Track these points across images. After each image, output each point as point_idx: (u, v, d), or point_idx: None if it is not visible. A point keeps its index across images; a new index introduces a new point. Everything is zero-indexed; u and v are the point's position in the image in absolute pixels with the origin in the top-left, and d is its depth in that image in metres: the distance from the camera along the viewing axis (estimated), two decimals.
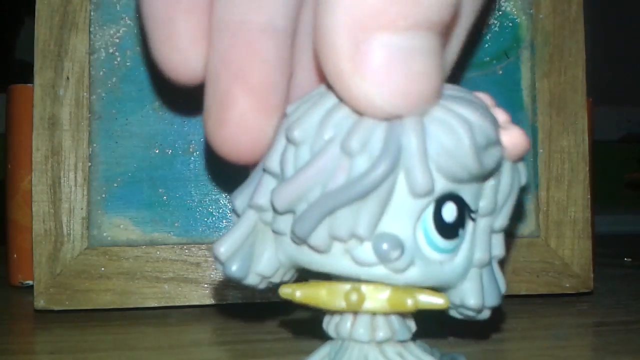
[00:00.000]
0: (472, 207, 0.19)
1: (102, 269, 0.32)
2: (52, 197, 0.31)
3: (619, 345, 0.27)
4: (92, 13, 0.32)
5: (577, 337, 0.29)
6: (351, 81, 0.17)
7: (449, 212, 0.18)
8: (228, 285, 0.32)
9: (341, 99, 0.18)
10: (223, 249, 0.19)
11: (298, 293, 0.19)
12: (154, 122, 0.33)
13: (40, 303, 0.31)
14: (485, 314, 0.20)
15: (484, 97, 0.20)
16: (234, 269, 0.19)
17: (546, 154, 0.35)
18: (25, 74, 0.35)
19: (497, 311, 0.21)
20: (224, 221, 0.33)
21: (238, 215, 0.20)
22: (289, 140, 0.18)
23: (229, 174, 0.33)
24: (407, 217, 0.18)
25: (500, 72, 0.35)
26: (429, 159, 0.17)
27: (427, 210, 0.18)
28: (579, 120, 0.35)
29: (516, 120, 0.35)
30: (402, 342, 0.20)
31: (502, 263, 0.21)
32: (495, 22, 0.35)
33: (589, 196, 0.35)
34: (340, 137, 0.17)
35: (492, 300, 0.20)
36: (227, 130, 0.20)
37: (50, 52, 0.32)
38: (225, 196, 0.33)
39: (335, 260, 0.18)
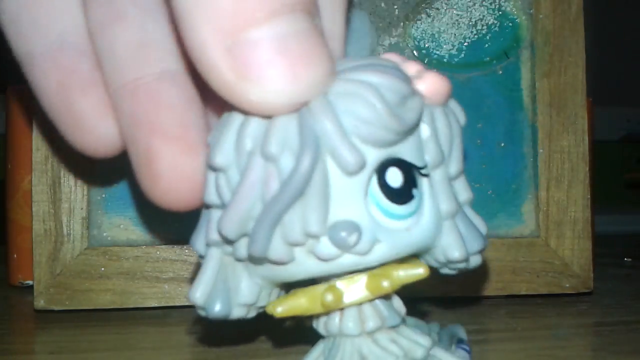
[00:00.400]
0: (419, 164, 0.18)
1: (102, 269, 0.32)
2: (52, 197, 0.31)
3: (619, 345, 0.27)
4: None
5: (577, 337, 0.29)
6: (239, 89, 0.16)
7: (394, 177, 0.18)
8: None
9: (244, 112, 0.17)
10: (198, 294, 0.19)
11: (279, 309, 0.19)
12: None
13: (40, 303, 0.31)
14: (475, 260, 0.20)
15: (390, 56, 0.19)
16: (217, 309, 0.19)
17: (546, 154, 0.35)
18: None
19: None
20: None
21: (202, 258, 0.20)
22: (214, 169, 0.18)
23: None
24: (353, 198, 0.17)
25: (500, 72, 0.35)
26: (349, 134, 0.17)
27: (372, 184, 0.18)
28: (579, 120, 0.35)
29: (516, 120, 0.35)
30: (393, 327, 0.19)
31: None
32: (495, 22, 0.35)
33: (589, 196, 0.35)
34: (259, 147, 0.17)
35: (476, 246, 0.19)
36: (162, 183, 0.20)
37: None
38: None
39: (302, 265, 0.18)
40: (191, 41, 0.16)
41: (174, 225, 0.33)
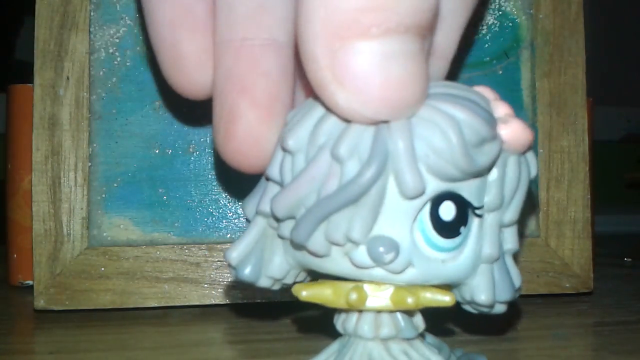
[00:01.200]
0: (476, 203, 0.19)
1: (102, 269, 0.32)
2: (52, 197, 0.31)
3: (619, 345, 0.27)
4: (92, 13, 0.32)
5: (577, 337, 0.29)
6: (331, 89, 0.17)
7: (447, 211, 0.18)
8: (228, 285, 0.32)
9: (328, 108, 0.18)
10: (235, 254, 0.20)
11: (304, 293, 0.19)
12: (154, 122, 0.33)
13: (40, 303, 0.31)
14: (500, 309, 0.20)
15: (486, 91, 0.20)
16: (247, 272, 0.20)
17: (546, 154, 0.35)
18: (25, 74, 0.35)
19: (509, 308, 0.21)
20: (224, 221, 0.33)
21: (249, 222, 0.20)
22: (285, 149, 0.19)
23: (228, 174, 0.33)
24: (401, 219, 0.18)
25: (500, 72, 0.35)
26: (418, 160, 0.17)
27: (424, 211, 0.18)
28: (579, 120, 0.35)
29: None
30: (408, 339, 0.20)
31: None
32: (495, 22, 0.35)
33: (589, 196, 0.35)
34: (330, 144, 0.18)
35: (505, 295, 0.20)
36: (235, 142, 0.21)
37: (50, 52, 0.32)
38: (225, 196, 0.33)
39: (336, 263, 0.18)
40: (302, 30, 0.17)
41: (174, 225, 0.33)
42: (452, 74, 0.34)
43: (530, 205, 0.34)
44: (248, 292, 0.32)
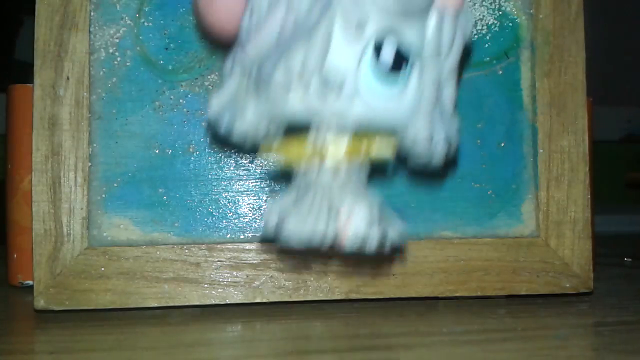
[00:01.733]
0: (416, 47, 0.21)
1: (102, 269, 0.32)
2: (52, 197, 0.31)
3: (619, 345, 0.27)
4: (92, 13, 0.32)
5: (577, 337, 0.29)
6: None
7: (389, 47, 0.20)
8: (228, 285, 0.32)
9: None
10: (215, 101, 0.22)
11: (274, 146, 0.22)
12: (154, 122, 0.33)
13: (40, 303, 0.31)
14: (440, 148, 0.22)
15: None
16: (227, 119, 0.22)
17: (546, 154, 0.35)
18: (25, 74, 0.35)
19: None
20: (224, 221, 0.33)
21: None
22: None
23: (228, 174, 0.33)
24: (350, 52, 0.20)
25: (500, 72, 0.35)
26: None
27: (369, 47, 0.20)
28: (579, 120, 0.35)
29: (516, 120, 0.35)
30: (356, 183, 0.22)
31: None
32: (495, 22, 0.35)
33: (589, 196, 0.35)
34: None
35: (443, 133, 0.22)
36: (216, 5, 0.23)
37: (50, 52, 0.32)
38: (225, 196, 0.33)
39: (297, 101, 0.21)
40: None
41: (174, 225, 0.33)
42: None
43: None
44: (248, 292, 0.32)
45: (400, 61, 0.20)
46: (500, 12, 0.35)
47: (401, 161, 0.23)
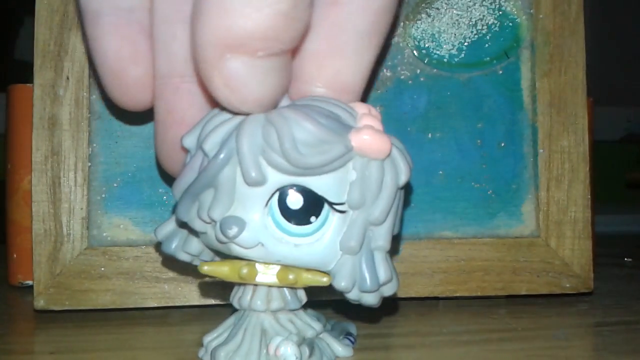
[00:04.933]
0: (333, 199, 0.21)
1: (102, 269, 0.32)
2: (52, 197, 0.31)
3: (619, 345, 0.27)
4: None
5: (577, 337, 0.29)
6: (216, 85, 0.21)
7: (294, 200, 0.21)
8: (228, 285, 0.32)
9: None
10: (162, 232, 0.24)
11: (205, 267, 0.23)
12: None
13: (40, 303, 0.31)
14: (368, 299, 0.23)
15: (357, 106, 0.23)
16: (173, 246, 0.24)
17: (546, 154, 0.35)
18: (25, 74, 0.35)
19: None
20: None
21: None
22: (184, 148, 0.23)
23: None
24: (251, 203, 0.21)
25: (500, 72, 0.35)
26: (259, 154, 0.21)
27: (273, 199, 0.21)
28: (579, 120, 0.35)
29: (516, 120, 0.35)
30: (293, 310, 0.24)
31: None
32: (495, 22, 0.35)
33: (589, 196, 0.35)
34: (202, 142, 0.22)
35: (366, 286, 0.22)
36: (178, 165, 0.24)
37: (50, 52, 0.32)
38: None
39: (211, 239, 0.22)
40: (201, 38, 0.20)
41: None
42: (452, 74, 0.34)
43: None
44: None
45: (308, 214, 0.21)
46: (500, 12, 0.35)
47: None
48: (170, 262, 0.32)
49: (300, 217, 0.21)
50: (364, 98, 0.25)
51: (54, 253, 0.31)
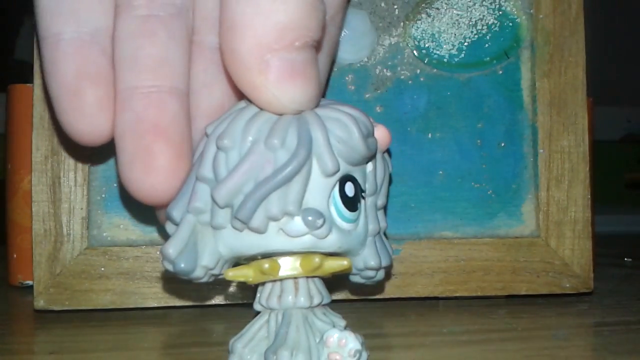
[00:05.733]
0: (363, 187, 0.24)
1: (102, 269, 0.32)
2: (52, 197, 0.31)
3: (619, 345, 0.27)
4: None
5: (577, 337, 0.29)
6: (264, 89, 0.22)
7: (350, 189, 0.23)
8: (228, 285, 0.32)
9: (259, 108, 0.23)
10: (172, 249, 0.23)
11: (230, 273, 0.23)
12: None
13: (40, 303, 0.31)
14: (381, 275, 0.26)
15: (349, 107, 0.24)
16: (183, 265, 0.23)
17: (546, 154, 0.35)
18: (25, 74, 0.35)
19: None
20: None
21: (176, 224, 0.23)
22: (220, 147, 0.22)
23: None
24: (322, 194, 0.22)
25: (500, 72, 0.35)
26: (334, 146, 0.22)
27: (335, 188, 0.23)
28: (579, 120, 0.35)
29: (516, 120, 0.35)
30: (324, 305, 0.24)
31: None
32: (495, 22, 0.35)
33: (589, 196, 0.35)
34: (262, 138, 0.22)
35: (386, 261, 0.25)
36: (153, 178, 0.23)
37: None
38: None
39: (271, 239, 0.22)
40: (237, 45, 0.22)
41: None
42: (452, 74, 0.34)
43: None
44: (248, 292, 0.32)
45: (357, 201, 0.23)
46: (500, 12, 0.35)
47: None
48: None
49: (353, 203, 0.23)
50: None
51: (54, 253, 0.31)
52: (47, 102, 0.32)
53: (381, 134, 0.24)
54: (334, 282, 0.32)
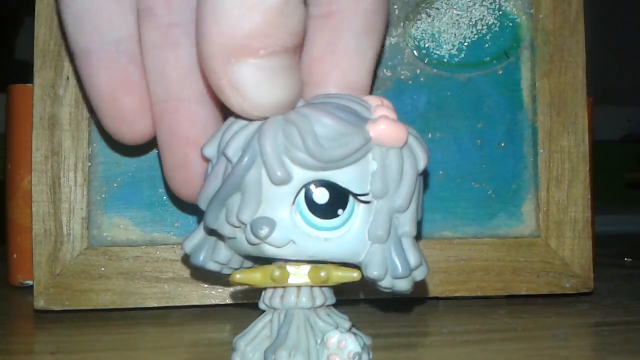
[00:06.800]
0: (357, 190, 0.22)
1: (102, 269, 0.32)
2: (52, 197, 0.31)
3: (619, 345, 0.27)
4: None
5: (577, 337, 0.29)
6: (227, 94, 0.21)
7: (320, 195, 0.22)
8: (228, 285, 0.32)
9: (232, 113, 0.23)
10: (187, 245, 0.24)
11: (237, 276, 0.23)
12: None
13: (40, 303, 0.31)
14: (401, 285, 0.23)
15: (371, 99, 0.23)
16: (201, 258, 0.24)
17: (546, 154, 0.35)
18: (25, 74, 0.35)
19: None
20: None
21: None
22: (210, 158, 0.24)
23: None
24: (279, 203, 0.22)
25: (500, 72, 0.35)
26: (283, 153, 0.21)
27: (300, 196, 0.22)
28: (579, 120, 0.35)
29: (516, 120, 0.35)
30: (328, 305, 0.24)
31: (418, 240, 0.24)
32: (495, 22, 0.35)
33: (589, 196, 0.35)
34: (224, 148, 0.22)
35: (399, 272, 0.22)
36: (193, 186, 0.25)
37: (50, 52, 0.32)
38: None
39: (241, 243, 0.22)
40: (205, 49, 0.21)
41: (174, 225, 0.33)
42: (452, 74, 0.34)
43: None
44: (248, 292, 0.32)
45: (335, 207, 0.22)
46: (500, 12, 0.35)
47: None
48: (170, 262, 0.32)
49: (327, 210, 0.22)
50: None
51: (54, 253, 0.31)
52: (47, 102, 0.32)
53: (382, 131, 0.22)
54: None
